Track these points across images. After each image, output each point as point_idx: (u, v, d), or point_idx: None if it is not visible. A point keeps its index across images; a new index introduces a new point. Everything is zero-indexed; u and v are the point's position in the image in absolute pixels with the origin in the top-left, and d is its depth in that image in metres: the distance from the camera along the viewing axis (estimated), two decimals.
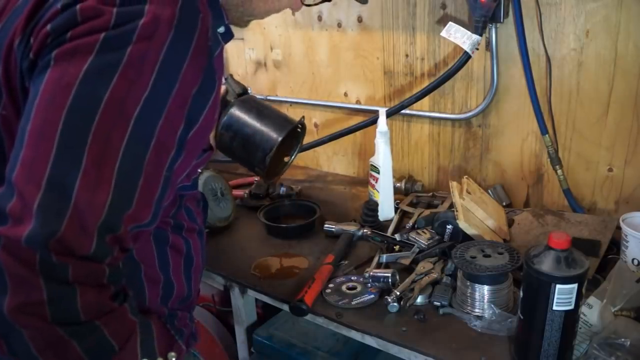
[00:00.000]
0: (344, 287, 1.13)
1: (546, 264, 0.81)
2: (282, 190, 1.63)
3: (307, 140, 1.81)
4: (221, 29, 0.74)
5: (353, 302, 1.08)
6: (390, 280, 1.08)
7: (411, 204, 1.50)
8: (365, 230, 1.31)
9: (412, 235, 1.25)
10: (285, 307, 1.12)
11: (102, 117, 0.58)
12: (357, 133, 1.69)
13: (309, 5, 0.90)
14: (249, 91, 1.31)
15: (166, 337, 0.70)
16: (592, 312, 0.94)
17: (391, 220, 1.41)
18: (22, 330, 0.56)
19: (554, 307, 0.81)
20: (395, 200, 1.46)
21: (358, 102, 1.75)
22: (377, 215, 1.41)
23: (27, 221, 0.55)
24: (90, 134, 0.57)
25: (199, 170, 0.83)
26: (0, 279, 0.55)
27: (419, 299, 1.07)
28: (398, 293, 1.06)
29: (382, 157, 1.41)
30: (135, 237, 0.64)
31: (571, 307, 0.81)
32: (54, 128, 0.57)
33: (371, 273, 1.11)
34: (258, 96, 1.98)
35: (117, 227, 0.60)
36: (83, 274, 0.58)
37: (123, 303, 0.63)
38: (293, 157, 1.36)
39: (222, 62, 0.74)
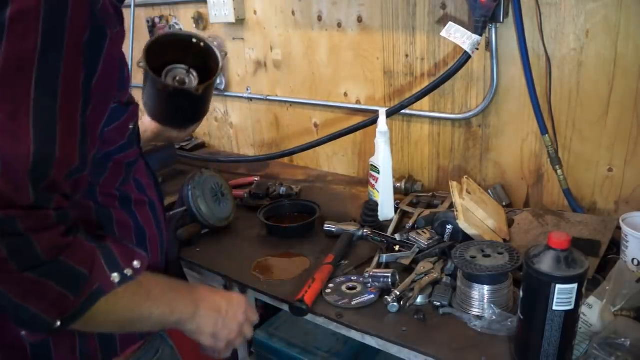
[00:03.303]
0: (344, 287, 1.13)
1: (546, 264, 0.81)
2: (282, 190, 1.63)
3: (307, 140, 1.81)
4: None
5: (353, 302, 1.08)
6: (390, 280, 1.08)
7: (411, 204, 1.50)
8: (365, 230, 1.31)
9: (412, 235, 1.25)
10: (285, 307, 1.12)
11: (3, 78, 0.61)
12: (357, 133, 1.69)
13: None
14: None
15: (126, 251, 0.74)
16: (592, 312, 0.94)
17: (391, 220, 1.41)
18: None
19: (554, 307, 0.81)
20: (395, 200, 1.46)
21: (358, 102, 1.75)
22: (377, 215, 1.41)
23: None
24: None
25: (130, 126, 0.84)
26: None
27: (419, 299, 1.07)
28: (398, 293, 1.06)
29: (382, 157, 1.41)
30: (75, 185, 0.68)
31: (571, 307, 0.81)
32: None
33: (371, 273, 1.11)
34: (258, 96, 1.99)
35: (47, 173, 0.63)
36: (31, 222, 0.62)
37: (77, 235, 0.67)
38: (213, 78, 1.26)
39: (114, 19, 0.74)
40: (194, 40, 1.25)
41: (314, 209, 1.47)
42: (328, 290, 1.12)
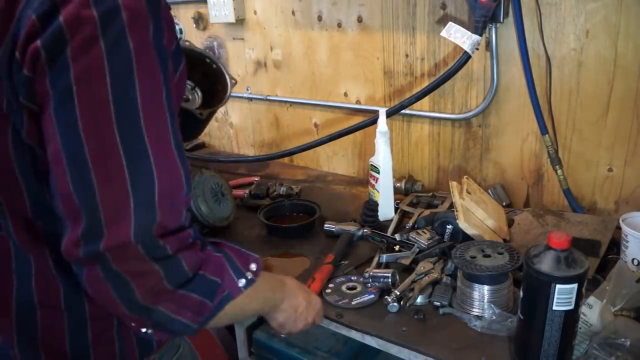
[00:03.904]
0: (344, 287, 1.13)
1: (546, 264, 0.81)
2: (282, 190, 1.63)
3: (307, 140, 1.81)
4: None
5: (353, 302, 1.08)
6: (390, 280, 1.08)
7: (411, 204, 1.50)
8: (365, 230, 1.31)
9: (412, 235, 1.25)
10: None
11: (145, 114, 0.64)
12: (357, 133, 1.69)
13: None
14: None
15: (243, 256, 0.79)
16: (592, 312, 0.94)
17: (391, 220, 1.41)
18: (159, 307, 0.66)
19: (554, 307, 0.81)
20: (395, 200, 1.46)
21: (358, 102, 1.75)
22: (377, 215, 1.41)
23: (125, 225, 0.62)
24: (144, 131, 0.64)
25: None
26: (123, 283, 0.64)
27: (419, 299, 1.07)
28: (398, 293, 1.06)
29: (382, 157, 1.41)
30: None
31: (571, 307, 0.81)
32: (113, 141, 0.62)
33: (371, 273, 1.11)
34: (258, 96, 1.99)
35: (189, 194, 0.70)
36: (179, 244, 0.67)
37: (206, 247, 0.73)
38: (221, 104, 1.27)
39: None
40: (208, 60, 1.24)
41: (314, 209, 1.47)
42: (328, 290, 1.12)
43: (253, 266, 0.78)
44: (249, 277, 0.76)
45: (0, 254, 0.76)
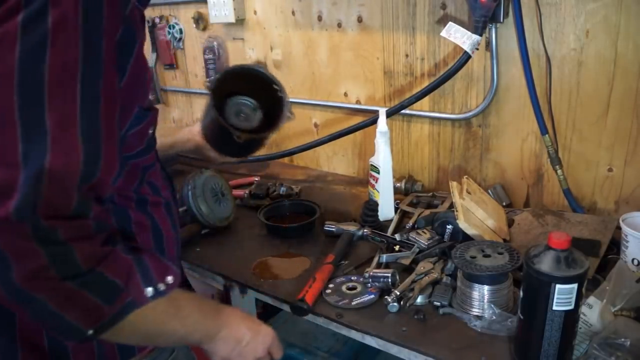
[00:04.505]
0: (344, 287, 1.13)
1: (546, 264, 0.81)
2: (282, 190, 1.63)
3: (307, 140, 1.81)
4: None
5: (353, 303, 1.08)
6: (390, 280, 1.08)
7: (411, 204, 1.50)
8: (365, 230, 1.31)
9: (412, 235, 1.25)
10: (286, 307, 1.12)
11: (51, 89, 0.61)
12: (357, 133, 1.69)
13: None
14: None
15: (160, 266, 0.74)
16: (592, 312, 0.94)
17: (391, 220, 1.41)
18: (39, 296, 0.62)
19: (554, 307, 0.81)
20: (395, 200, 1.46)
21: (358, 102, 1.75)
22: (377, 215, 1.41)
23: (11, 198, 0.59)
24: (46, 106, 0.61)
25: (150, 132, 0.85)
26: (2, 259, 0.60)
27: (419, 299, 1.07)
28: (398, 293, 1.06)
29: (382, 157, 1.41)
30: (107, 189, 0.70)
31: (571, 307, 0.81)
32: (11, 113, 0.60)
33: (371, 273, 1.11)
34: None
35: (93, 183, 0.65)
36: (72, 231, 0.63)
37: (115, 246, 0.68)
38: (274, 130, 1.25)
39: (140, 24, 0.76)
40: (275, 87, 1.23)
41: (314, 209, 1.47)
42: (328, 291, 1.12)
43: (170, 279, 0.73)
44: (161, 289, 0.71)
45: None
